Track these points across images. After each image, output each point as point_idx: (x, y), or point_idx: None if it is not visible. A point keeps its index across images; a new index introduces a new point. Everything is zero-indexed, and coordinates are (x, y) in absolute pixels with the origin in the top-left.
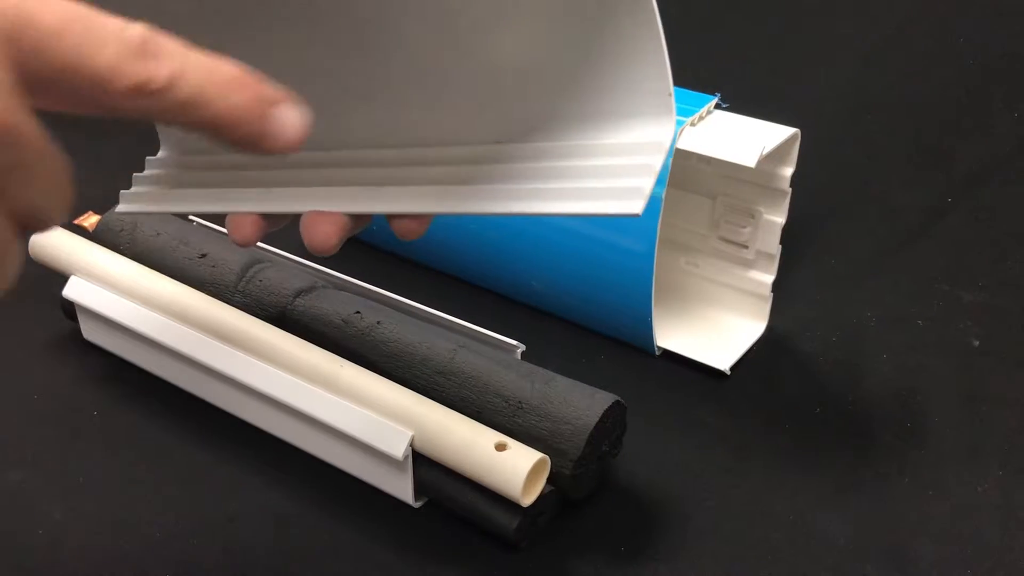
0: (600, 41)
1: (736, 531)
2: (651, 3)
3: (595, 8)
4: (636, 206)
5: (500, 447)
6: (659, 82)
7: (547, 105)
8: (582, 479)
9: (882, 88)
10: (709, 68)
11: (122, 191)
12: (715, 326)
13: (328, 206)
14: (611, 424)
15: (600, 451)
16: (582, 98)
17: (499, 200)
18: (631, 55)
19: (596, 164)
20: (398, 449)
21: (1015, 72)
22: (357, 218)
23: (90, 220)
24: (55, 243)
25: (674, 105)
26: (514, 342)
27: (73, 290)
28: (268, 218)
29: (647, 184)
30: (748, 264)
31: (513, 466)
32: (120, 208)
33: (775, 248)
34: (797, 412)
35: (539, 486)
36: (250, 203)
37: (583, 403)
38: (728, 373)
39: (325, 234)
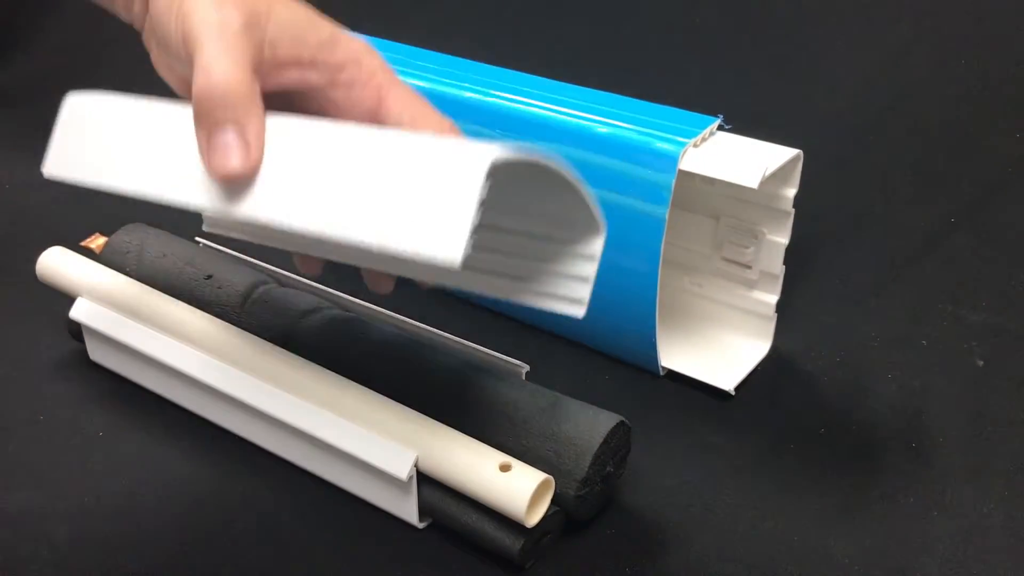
0: (548, 197)
1: (741, 552)
2: (576, 184)
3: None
4: (579, 311)
5: (504, 468)
6: (590, 221)
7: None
8: (587, 500)
9: (885, 109)
10: (712, 90)
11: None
12: (719, 346)
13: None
14: (616, 444)
15: (605, 472)
16: (535, 226)
17: (465, 280)
18: (566, 207)
19: (547, 272)
20: (402, 470)
21: (1018, 92)
22: None
23: (97, 242)
24: (62, 265)
25: (603, 225)
26: (518, 362)
27: (80, 311)
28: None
29: (586, 291)
30: (752, 284)
31: (517, 487)
32: (205, 227)
33: (779, 268)
34: (801, 432)
35: (543, 507)
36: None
37: (587, 424)
38: (732, 393)
39: (312, 266)
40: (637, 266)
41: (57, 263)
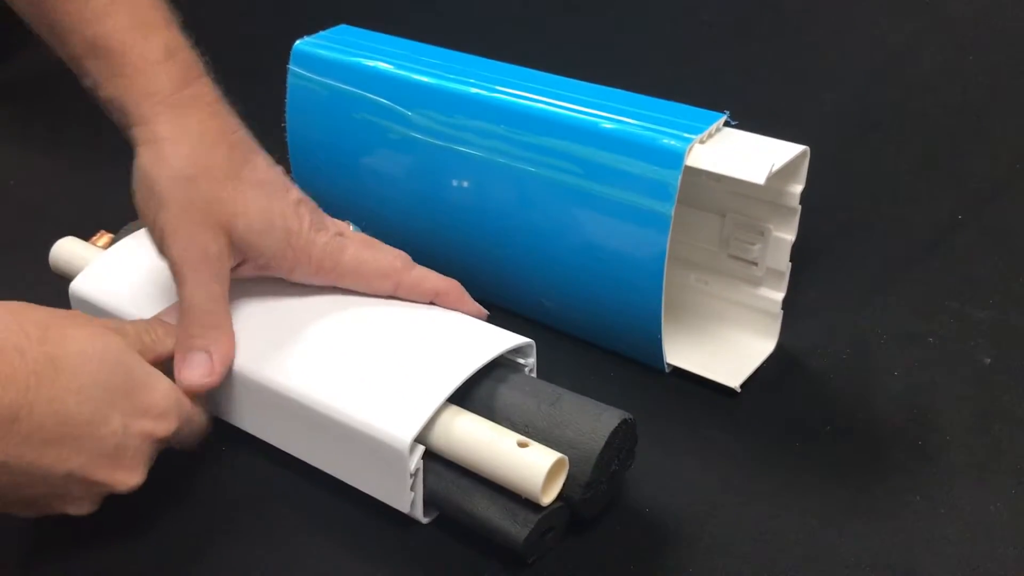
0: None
1: (745, 550)
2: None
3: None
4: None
5: (522, 444)
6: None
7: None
8: (593, 500)
9: (891, 105)
10: (718, 86)
11: None
12: (725, 343)
13: None
14: (620, 443)
15: (610, 470)
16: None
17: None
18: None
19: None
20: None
21: None
22: None
23: (102, 240)
24: (76, 253)
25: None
26: (523, 361)
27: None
28: None
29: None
30: (758, 281)
31: (534, 462)
32: None
33: (785, 265)
34: (807, 430)
35: (557, 487)
36: None
37: (589, 426)
38: (738, 391)
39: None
40: (643, 263)
41: (71, 251)
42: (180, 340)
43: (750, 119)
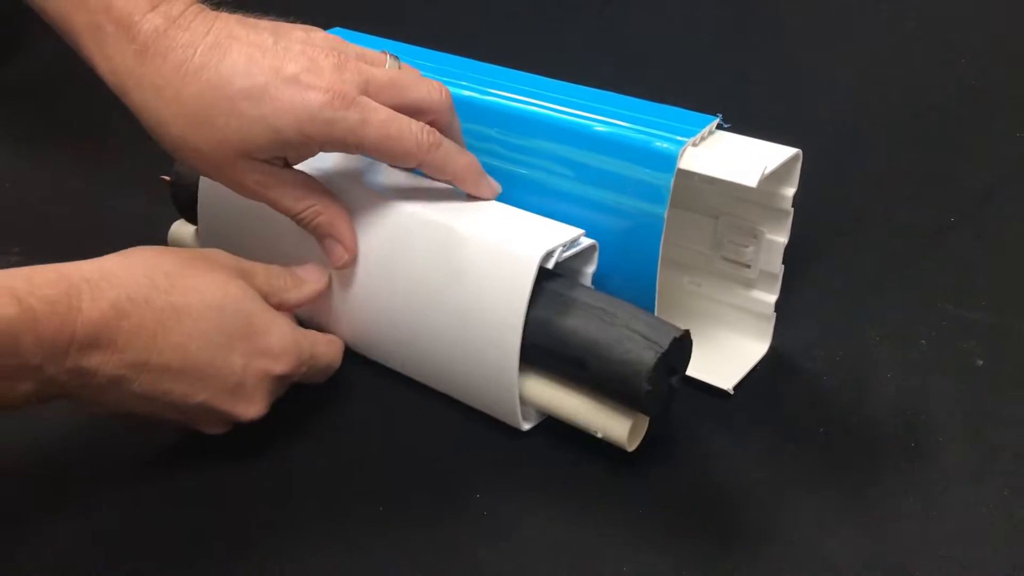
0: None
1: (739, 552)
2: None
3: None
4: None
5: (595, 434)
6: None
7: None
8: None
9: (884, 107)
10: (711, 88)
11: None
12: (718, 346)
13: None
14: (672, 358)
15: (668, 377)
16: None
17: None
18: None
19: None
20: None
21: (1017, 92)
22: None
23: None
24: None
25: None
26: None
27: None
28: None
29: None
30: (751, 284)
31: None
32: None
33: (778, 268)
34: (801, 432)
35: (642, 430)
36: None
37: (626, 388)
38: (731, 393)
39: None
40: (636, 265)
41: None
42: (316, 237)
43: (743, 122)
